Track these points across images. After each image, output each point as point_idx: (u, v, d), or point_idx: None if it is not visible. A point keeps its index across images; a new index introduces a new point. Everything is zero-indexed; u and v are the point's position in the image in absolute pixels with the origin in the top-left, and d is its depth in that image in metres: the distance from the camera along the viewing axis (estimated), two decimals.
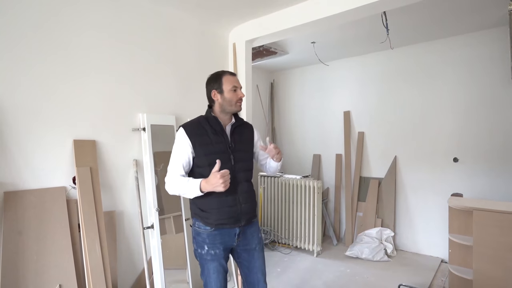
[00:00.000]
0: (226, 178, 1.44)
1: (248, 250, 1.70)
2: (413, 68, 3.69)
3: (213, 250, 1.61)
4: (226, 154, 1.60)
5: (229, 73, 1.70)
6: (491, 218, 2.27)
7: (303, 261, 3.54)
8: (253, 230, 1.71)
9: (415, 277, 3.08)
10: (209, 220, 1.60)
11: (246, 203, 1.64)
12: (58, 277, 1.81)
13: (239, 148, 1.65)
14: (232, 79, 1.66)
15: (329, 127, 4.41)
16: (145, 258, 2.20)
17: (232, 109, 1.65)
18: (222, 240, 1.62)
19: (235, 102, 1.64)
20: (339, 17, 2.41)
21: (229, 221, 1.60)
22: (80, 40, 2.05)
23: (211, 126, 1.62)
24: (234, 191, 1.59)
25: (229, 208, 1.59)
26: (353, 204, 4.07)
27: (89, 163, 2.05)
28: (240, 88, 1.68)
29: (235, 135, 1.67)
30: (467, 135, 3.35)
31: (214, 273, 1.62)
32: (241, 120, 1.76)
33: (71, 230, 1.92)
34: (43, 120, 1.89)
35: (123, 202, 2.27)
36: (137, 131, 2.35)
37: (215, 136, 1.62)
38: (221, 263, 1.64)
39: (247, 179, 1.68)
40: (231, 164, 1.60)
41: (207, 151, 1.59)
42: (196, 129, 1.63)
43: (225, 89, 1.64)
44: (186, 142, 1.59)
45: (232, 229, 1.62)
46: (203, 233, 1.62)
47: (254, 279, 1.71)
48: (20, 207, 1.77)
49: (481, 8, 2.69)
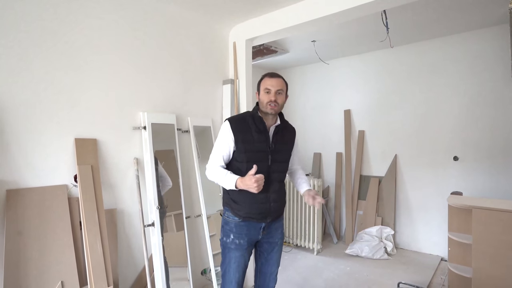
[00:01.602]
0: (260, 183, 1.52)
1: (270, 243, 1.79)
2: (414, 66, 3.69)
3: (238, 240, 1.70)
4: (264, 154, 1.66)
5: (269, 75, 1.72)
6: (490, 216, 2.28)
7: (303, 259, 3.55)
8: (278, 225, 1.81)
9: (414, 275, 3.09)
10: (240, 212, 1.69)
11: (276, 202, 1.71)
12: (60, 274, 1.83)
13: (278, 150, 1.70)
14: (267, 82, 1.68)
15: (330, 126, 4.41)
16: (146, 256, 2.21)
17: (264, 110, 1.68)
18: (248, 232, 1.71)
19: (265, 104, 1.66)
20: (339, 16, 2.41)
21: (257, 216, 1.69)
22: (81, 38, 2.06)
23: (256, 124, 1.67)
24: (267, 189, 1.65)
25: (260, 204, 1.67)
26: (353, 203, 4.08)
27: (90, 161, 2.06)
28: (277, 92, 1.66)
29: (277, 136, 1.71)
30: (468, 133, 3.35)
31: (234, 263, 1.71)
32: (286, 122, 1.80)
33: (72, 228, 1.93)
34: (44, 119, 1.91)
35: (124, 200, 2.29)
36: (138, 129, 2.37)
37: (258, 134, 1.66)
38: (243, 254, 1.72)
39: (280, 180, 1.74)
40: (268, 164, 1.66)
41: (248, 148, 1.65)
42: (241, 125, 1.69)
43: (261, 91, 1.70)
44: (230, 136, 1.66)
45: (258, 223, 1.70)
46: (231, 222, 1.73)
47: (268, 270, 1.83)
48: (22, 205, 1.79)
49: (482, 6, 2.69)
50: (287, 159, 1.79)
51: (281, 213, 1.82)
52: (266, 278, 1.85)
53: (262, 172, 1.61)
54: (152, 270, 2.28)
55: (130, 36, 2.32)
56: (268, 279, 1.85)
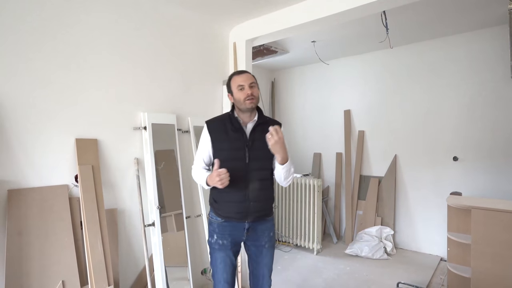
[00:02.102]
0: (222, 177, 1.50)
1: (257, 246, 1.74)
2: (414, 66, 3.70)
3: (221, 240, 1.69)
4: (241, 152, 1.64)
5: (237, 73, 1.72)
6: (489, 216, 2.29)
7: (303, 259, 3.56)
8: (264, 227, 1.73)
9: (414, 275, 3.10)
10: (219, 211, 1.69)
11: (256, 202, 1.65)
12: (61, 273, 1.84)
13: (256, 147, 1.65)
14: (238, 79, 1.67)
15: (330, 126, 4.42)
16: (146, 255, 2.23)
17: (243, 107, 1.64)
18: (231, 233, 1.69)
19: (243, 100, 1.63)
20: (339, 17, 2.42)
21: (236, 215, 1.66)
22: (81, 38, 2.07)
23: (232, 123, 1.67)
24: (245, 188, 1.63)
25: (238, 203, 1.65)
26: (353, 203, 4.09)
27: (91, 161, 2.08)
28: (250, 85, 1.65)
29: (255, 133, 1.67)
30: (468, 134, 3.36)
31: (220, 263, 1.69)
32: (265, 118, 1.75)
33: (73, 228, 1.95)
34: (46, 119, 1.92)
35: (125, 200, 2.30)
36: (138, 130, 2.38)
37: (234, 133, 1.66)
38: (228, 254, 1.70)
39: (261, 178, 1.67)
40: (245, 162, 1.64)
41: (224, 147, 1.66)
42: (218, 125, 1.70)
43: (233, 90, 1.68)
44: (207, 137, 1.70)
45: (240, 223, 1.67)
46: (214, 222, 1.72)
47: (259, 273, 1.78)
48: (24, 205, 1.80)
49: (482, 6, 2.69)
50: (268, 156, 1.66)
51: (266, 213, 1.73)
52: (258, 281, 1.80)
53: (239, 170, 1.61)
54: (153, 270, 2.29)
55: (130, 36, 2.33)
56: (260, 282, 1.79)
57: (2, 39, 1.76)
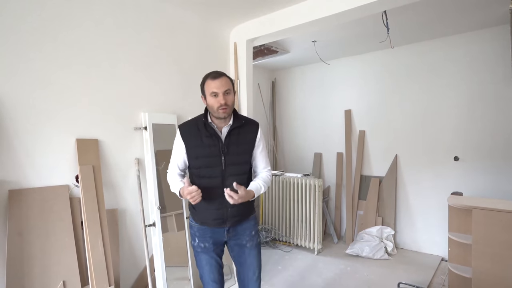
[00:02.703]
0: (193, 195, 1.46)
1: (240, 246, 1.70)
2: (415, 66, 3.69)
3: (203, 243, 1.68)
4: (217, 158, 1.58)
5: (211, 77, 1.57)
6: (490, 216, 2.28)
7: (303, 259, 3.56)
8: (245, 227, 1.69)
9: (415, 275, 3.10)
10: (197, 217, 1.68)
11: (234, 207, 1.58)
12: (61, 273, 1.84)
13: (233, 152, 1.60)
14: (212, 84, 1.54)
15: (330, 126, 4.42)
16: (147, 256, 2.23)
17: (216, 115, 1.57)
18: (212, 235, 1.67)
19: (216, 109, 1.54)
20: (339, 16, 2.42)
21: (213, 222, 1.63)
22: (82, 39, 2.07)
23: (206, 128, 1.60)
24: (222, 194, 1.52)
25: (215, 210, 1.61)
26: (353, 203, 4.09)
27: (92, 161, 2.08)
28: (225, 93, 1.54)
29: (231, 137, 1.61)
30: (468, 134, 3.36)
31: (206, 265, 1.68)
32: (241, 120, 1.65)
33: (74, 228, 1.95)
34: (46, 119, 1.92)
35: (125, 200, 2.30)
36: (139, 130, 2.38)
37: (208, 139, 1.59)
38: (212, 256, 1.68)
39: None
40: (222, 168, 1.59)
41: (199, 154, 1.60)
42: (191, 130, 1.63)
43: (207, 95, 1.58)
44: (181, 143, 1.65)
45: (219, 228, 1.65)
46: (194, 226, 1.71)
47: (244, 275, 1.71)
48: (24, 205, 1.80)
49: (483, 6, 2.69)
50: (245, 160, 1.64)
51: (245, 217, 1.68)
52: (244, 285, 1.71)
53: (216, 176, 1.58)
54: (153, 270, 2.29)
55: (131, 36, 2.33)
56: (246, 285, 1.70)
57: (3, 39, 1.76)
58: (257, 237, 1.75)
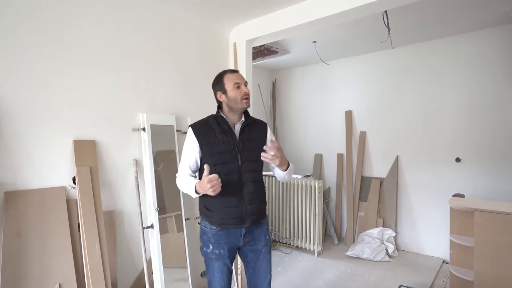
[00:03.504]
0: (214, 183, 1.41)
1: (254, 251, 1.68)
2: (416, 67, 3.67)
3: (218, 250, 1.62)
4: (233, 154, 1.58)
5: (229, 71, 1.66)
6: (493, 219, 2.26)
7: (304, 261, 3.54)
8: (260, 230, 1.68)
9: (416, 278, 3.07)
10: (214, 219, 1.61)
11: (252, 204, 1.60)
12: (57, 276, 1.82)
13: (247, 148, 1.60)
14: (233, 77, 1.61)
15: (331, 127, 4.39)
16: (145, 258, 2.21)
17: (239, 106, 1.59)
18: (228, 240, 1.62)
19: (240, 99, 1.58)
20: (340, 16, 2.39)
21: (233, 221, 1.59)
22: (80, 39, 2.05)
23: (219, 125, 1.60)
24: (240, 191, 1.57)
25: (234, 208, 1.58)
26: (354, 204, 4.06)
27: (89, 163, 2.06)
28: (245, 84, 1.62)
29: (244, 134, 1.62)
30: (470, 135, 3.33)
31: (218, 272, 1.64)
32: (252, 118, 1.70)
33: (71, 230, 1.93)
34: (43, 120, 1.90)
35: (123, 201, 2.28)
36: (137, 131, 2.36)
37: (222, 135, 1.59)
38: (226, 263, 1.65)
39: (255, 179, 1.63)
40: (238, 164, 1.58)
41: (214, 151, 1.58)
42: (204, 128, 1.63)
43: (227, 89, 1.60)
44: (194, 142, 1.61)
45: (237, 229, 1.61)
46: (208, 232, 1.64)
47: (257, 280, 1.70)
48: (20, 207, 1.78)
49: (483, 6, 2.66)
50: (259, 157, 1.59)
51: (261, 216, 1.68)
52: None
53: (233, 173, 1.56)
54: (151, 273, 2.27)
55: (129, 36, 2.31)
56: None
57: (2, 40, 1.74)
58: (270, 240, 1.77)
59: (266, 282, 1.71)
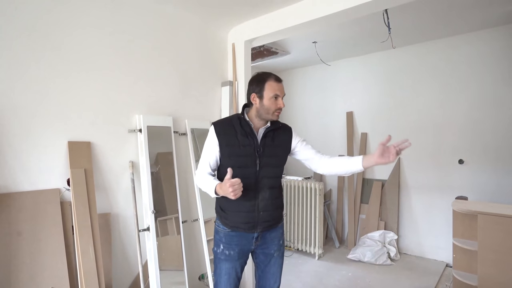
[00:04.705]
0: (235, 188, 1.38)
1: (266, 254, 1.66)
2: (416, 67, 3.62)
3: (228, 251, 1.60)
4: (252, 158, 1.54)
5: (275, 78, 1.56)
6: (497, 222, 2.20)
7: (304, 264, 3.49)
8: (274, 235, 1.66)
9: (418, 282, 3.01)
10: (227, 220, 1.60)
11: (266, 211, 1.57)
12: (50, 280, 1.79)
13: (268, 153, 1.56)
14: (276, 86, 1.53)
15: (332, 128, 4.35)
16: (140, 262, 2.17)
17: (269, 117, 1.56)
18: (239, 242, 1.60)
19: (272, 112, 1.53)
20: (338, 16, 2.35)
21: (245, 226, 1.57)
22: (75, 40, 2.02)
23: (242, 127, 1.56)
24: (255, 197, 1.54)
25: (247, 213, 1.55)
26: (355, 206, 4.00)
27: (84, 164, 2.03)
28: (283, 97, 1.56)
29: (267, 139, 1.58)
30: (474, 136, 3.27)
31: (225, 274, 1.61)
32: (278, 123, 1.63)
33: (64, 233, 1.90)
34: (37, 121, 1.87)
35: (119, 204, 2.24)
36: (134, 132, 2.33)
37: (243, 138, 1.55)
38: (234, 266, 1.61)
39: (272, 186, 1.59)
40: (256, 169, 1.54)
41: (233, 152, 1.54)
42: (226, 128, 1.58)
43: (265, 96, 1.53)
44: (214, 141, 1.58)
45: (248, 233, 1.59)
46: (220, 232, 1.63)
47: (265, 282, 1.70)
48: (13, 209, 1.75)
49: (483, 6, 2.62)
50: (280, 163, 1.64)
51: (275, 222, 1.66)
52: None
53: (250, 178, 1.52)
54: (147, 277, 2.23)
55: (126, 37, 2.28)
56: None
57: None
58: (283, 245, 1.74)
59: (274, 286, 1.70)
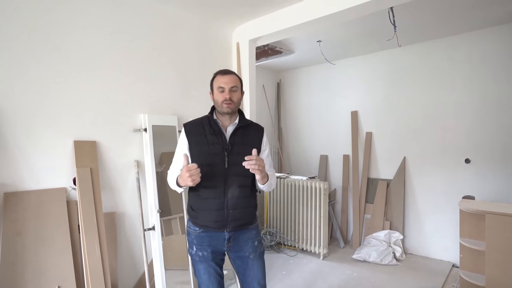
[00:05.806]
0: (192, 172, 1.39)
1: (241, 258, 1.62)
2: (421, 66, 3.58)
3: (201, 252, 1.58)
4: (220, 156, 1.54)
5: (220, 73, 1.62)
6: (505, 222, 2.17)
7: (309, 263, 3.47)
8: (247, 236, 1.61)
9: (424, 282, 2.98)
10: (197, 220, 1.58)
11: (235, 209, 1.54)
12: (57, 278, 1.80)
13: (237, 151, 1.55)
14: (221, 79, 1.58)
15: (336, 128, 4.33)
16: (146, 261, 2.18)
17: (220, 110, 1.57)
18: (210, 243, 1.57)
19: (220, 103, 1.55)
20: (343, 14, 2.35)
21: (214, 224, 1.54)
22: (76, 40, 2.04)
23: (211, 126, 1.58)
24: (223, 194, 1.52)
25: (216, 211, 1.53)
26: (360, 206, 3.98)
27: (90, 164, 2.04)
28: (231, 89, 1.55)
29: (236, 137, 1.57)
30: (479, 135, 3.23)
31: (205, 274, 1.59)
32: (247, 121, 1.64)
33: (70, 232, 1.91)
34: (43, 121, 1.89)
35: (124, 203, 2.25)
36: (139, 131, 2.34)
37: (212, 136, 1.56)
38: (211, 265, 1.59)
39: (242, 184, 1.56)
40: (225, 166, 1.53)
41: (202, 151, 1.55)
42: (196, 128, 1.61)
43: (214, 90, 1.60)
44: (184, 141, 1.60)
45: (219, 232, 1.56)
46: (192, 233, 1.61)
47: (248, 286, 1.63)
48: (20, 208, 1.77)
49: (484, 6, 2.59)
50: None
51: (247, 222, 1.60)
52: None
53: (218, 175, 1.52)
54: (153, 276, 2.24)
55: (126, 37, 2.29)
56: None
57: (1, 43, 1.73)
58: (261, 246, 1.67)
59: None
